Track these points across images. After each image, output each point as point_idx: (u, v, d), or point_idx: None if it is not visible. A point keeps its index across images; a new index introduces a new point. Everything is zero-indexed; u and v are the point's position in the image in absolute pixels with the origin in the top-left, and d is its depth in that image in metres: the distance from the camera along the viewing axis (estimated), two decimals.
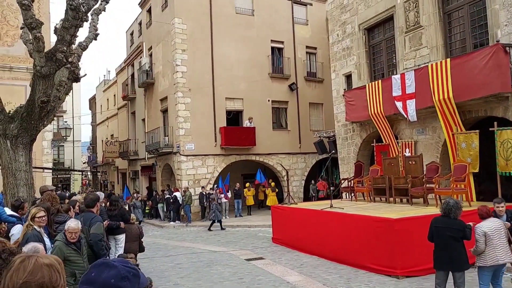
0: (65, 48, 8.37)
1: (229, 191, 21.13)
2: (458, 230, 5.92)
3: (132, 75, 28.81)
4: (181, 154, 20.70)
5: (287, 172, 16.78)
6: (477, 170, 11.02)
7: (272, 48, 23.40)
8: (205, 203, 20.15)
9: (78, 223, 5.33)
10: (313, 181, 22.58)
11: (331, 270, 9.61)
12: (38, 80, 8.40)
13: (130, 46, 30.03)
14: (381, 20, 14.97)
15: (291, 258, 11.17)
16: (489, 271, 6.03)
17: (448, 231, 5.93)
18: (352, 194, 14.02)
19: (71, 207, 6.98)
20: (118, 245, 8.58)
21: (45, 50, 8.25)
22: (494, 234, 5.89)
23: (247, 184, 21.93)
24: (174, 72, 20.99)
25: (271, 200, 20.60)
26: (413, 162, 12.10)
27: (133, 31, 29.63)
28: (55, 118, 19.67)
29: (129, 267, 1.56)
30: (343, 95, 16.48)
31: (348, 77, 16.76)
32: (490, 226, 5.94)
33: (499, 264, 5.95)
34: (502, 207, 6.87)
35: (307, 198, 22.82)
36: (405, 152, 13.45)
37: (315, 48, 24.76)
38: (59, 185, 36.61)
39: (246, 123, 21.94)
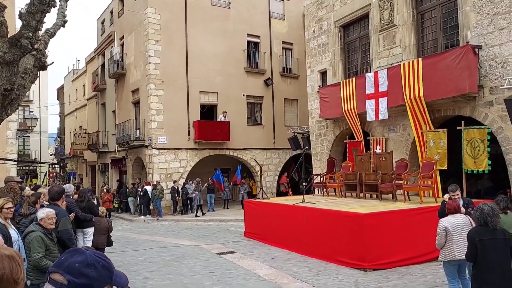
0: (30, 34, 8.06)
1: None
2: (507, 239, 4.95)
3: (103, 65, 28.12)
4: (153, 148, 20.39)
5: (260, 167, 16.78)
6: (445, 167, 11.34)
7: (248, 42, 23.30)
8: (177, 197, 19.97)
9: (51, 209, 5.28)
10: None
11: (301, 263, 9.70)
12: (1, 66, 8.06)
13: (101, 35, 29.30)
14: (357, 18, 15.11)
15: (263, 252, 11.21)
16: (452, 265, 6.14)
17: (498, 243, 4.89)
18: (324, 190, 14.17)
19: (37, 199, 6.77)
20: (86, 239, 8.45)
21: (9, 36, 7.91)
22: (455, 230, 5.95)
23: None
24: (147, 63, 20.61)
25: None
26: (383, 159, 12.32)
27: (104, 20, 28.89)
28: (20, 108, 19.02)
29: (100, 257, 1.52)
30: (318, 92, 16.59)
31: (323, 73, 16.87)
32: (452, 222, 6.01)
33: (457, 260, 5.96)
34: (457, 194, 7.00)
35: (279, 193, 22.99)
36: (376, 149, 13.68)
37: (291, 44, 24.82)
38: (25, 177, 35.49)
39: (220, 118, 21.81)
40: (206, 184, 21.01)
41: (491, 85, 10.46)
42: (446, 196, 7.12)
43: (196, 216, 19.27)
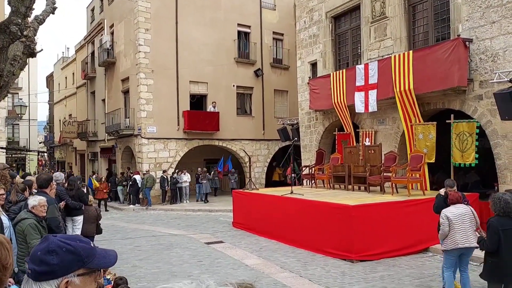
0: (19, 21, 7.94)
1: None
2: None
3: (92, 53, 27.77)
4: (142, 137, 20.29)
5: (249, 158, 16.81)
6: (433, 160, 11.44)
7: (239, 32, 23.16)
8: (166, 187, 19.97)
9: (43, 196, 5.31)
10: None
11: (289, 254, 9.79)
12: None
13: (91, 23, 28.89)
14: (348, 9, 15.09)
15: (251, 242, 11.28)
16: (453, 255, 6.24)
17: None
18: (313, 181, 14.26)
19: (27, 186, 6.75)
20: (76, 227, 8.46)
21: None
22: (456, 219, 6.11)
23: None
24: (137, 52, 20.42)
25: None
26: (372, 152, 12.42)
27: (94, 7, 28.46)
28: (9, 95, 18.76)
29: (65, 242, 1.43)
30: (308, 83, 16.60)
31: (314, 65, 16.88)
32: (454, 212, 6.19)
33: (459, 248, 6.10)
34: (454, 190, 7.09)
35: (268, 184, 23.08)
36: (365, 141, 13.78)
37: (282, 35, 24.72)
38: (14, 165, 35.15)
39: (210, 108, 21.74)
40: (213, 172, 21.52)
41: (481, 78, 10.52)
42: (442, 190, 7.24)
43: (205, 202, 20.37)
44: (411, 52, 11.92)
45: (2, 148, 21.20)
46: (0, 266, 1.67)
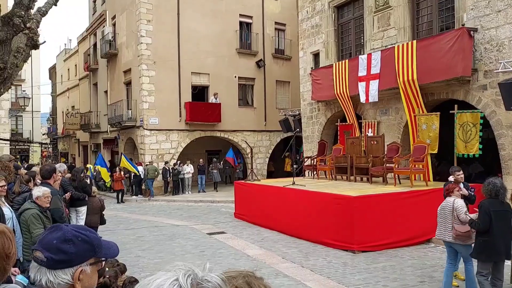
0: (23, 13, 7.93)
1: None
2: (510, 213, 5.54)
3: (95, 45, 27.71)
4: (144, 128, 20.31)
5: (251, 149, 16.82)
6: (436, 151, 11.40)
7: (241, 23, 23.03)
8: (168, 178, 20.04)
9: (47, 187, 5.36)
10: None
11: (290, 244, 9.82)
12: None
13: (93, 14, 28.79)
14: None
15: (252, 232, 11.33)
16: (446, 245, 6.35)
17: (505, 216, 5.45)
18: (315, 172, 14.25)
19: (31, 177, 6.80)
20: (80, 217, 8.53)
21: (1, 14, 7.79)
22: (440, 212, 6.27)
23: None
24: (139, 44, 20.35)
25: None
26: (375, 142, 12.39)
27: None
28: (13, 87, 18.79)
29: (79, 232, 1.50)
30: (310, 74, 16.53)
31: (316, 55, 16.78)
32: (442, 204, 6.29)
33: (439, 239, 6.40)
34: (461, 174, 7.20)
35: (270, 175, 23.13)
36: (368, 132, 13.74)
37: (284, 25, 24.57)
38: (17, 156, 35.30)
39: (211, 99, 21.71)
40: (222, 161, 21.91)
41: (485, 68, 10.41)
42: (451, 178, 7.25)
43: (216, 190, 21.08)
44: (414, 42, 11.82)
45: (5, 140, 21.28)
46: (3, 255, 1.68)
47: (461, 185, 7.09)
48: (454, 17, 11.33)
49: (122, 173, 19.75)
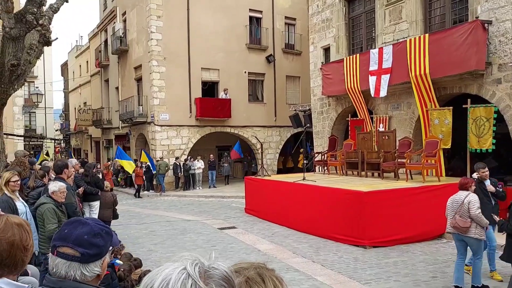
0: (35, 10, 8.03)
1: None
2: None
3: (106, 41, 27.87)
4: (155, 124, 20.43)
5: (261, 145, 16.81)
6: (449, 146, 11.28)
7: (250, 17, 22.96)
8: (179, 173, 20.16)
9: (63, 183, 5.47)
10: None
11: (301, 239, 9.83)
12: (7, 42, 8.08)
13: (103, 11, 28.95)
14: None
15: (263, 228, 11.36)
16: (455, 239, 6.32)
17: None
18: (325, 168, 14.22)
19: (45, 173, 6.92)
20: (93, 212, 8.67)
21: (14, 11, 7.90)
22: (449, 205, 6.26)
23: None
24: (149, 40, 20.43)
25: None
26: (386, 137, 12.30)
27: None
28: (26, 84, 19.03)
29: (101, 225, 1.59)
30: (321, 69, 16.44)
31: (327, 50, 16.68)
32: (452, 198, 6.30)
33: (448, 232, 6.43)
34: (487, 171, 7.13)
35: (280, 170, 23.12)
36: (379, 127, 13.65)
37: (294, 19, 24.44)
38: (31, 152, 35.74)
39: (221, 95, 21.73)
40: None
41: (500, 62, 10.24)
42: (475, 175, 7.23)
43: (227, 183, 22.09)
44: (427, 35, 11.67)
45: (19, 136, 21.59)
46: (21, 247, 1.72)
47: (488, 182, 7.06)
48: (468, 10, 11.17)
49: (143, 168, 19.90)
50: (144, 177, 19.88)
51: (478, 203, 6.00)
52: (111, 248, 1.63)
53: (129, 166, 18.70)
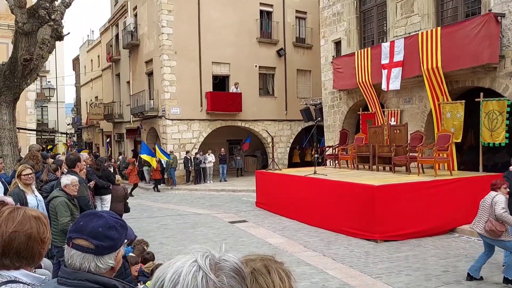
0: (47, 5, 8.12)
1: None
2: None
3: (117, 36, 28.00)
4: (166, 118, 20.53)
5: (272, 139, 16.79)
6: (459, 140, 11.17)
7: (261, 11, 22.87)
8: (190, 167, 20.26)
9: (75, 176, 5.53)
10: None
11: (312, 233, 9.84)
12: (20, 37, 8.18)
13: (115, 5, 29.05)
14: None
15: (274, 221, 11.39)
16: (484, 238, 6.33)
17: None
18: (336, 162, 14.18)
19: (58, 166, 7.02)
20: (104, 205, 8.75)
21: (27, 6, 7.98)
22: (481, 204, 6.32)
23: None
24: (160, 34, 20.48)
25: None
26: (398, 131, 12.22)
27: None
28: (38, 78, 19.23)
29: (117, 218, 1.61)
30: (332, 62, 16.35)
31: (338, 43, 16.58)
32: (484, 198, 6.34)
33: (473, 230, 6.37)
34: None
35: (291, 164, 23.11)
36: (391, 121, 13.56)
37: (305, 13, 24.29)
38: (44, 146, 36.19)
39: (232, 89, 21.73)
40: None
41: None
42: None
43: (241, 175, 22.75)
44: (439, 28, 11.54)
45: (32, 130, 21.86)
46: (38, 240, 1.75)
47: None
48: (480, 3, 11.03)
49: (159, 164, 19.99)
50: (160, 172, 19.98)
51: (503, 203, 6.06)
52: (126, 240, 1.65)
53: (153, 161, 18.91)
